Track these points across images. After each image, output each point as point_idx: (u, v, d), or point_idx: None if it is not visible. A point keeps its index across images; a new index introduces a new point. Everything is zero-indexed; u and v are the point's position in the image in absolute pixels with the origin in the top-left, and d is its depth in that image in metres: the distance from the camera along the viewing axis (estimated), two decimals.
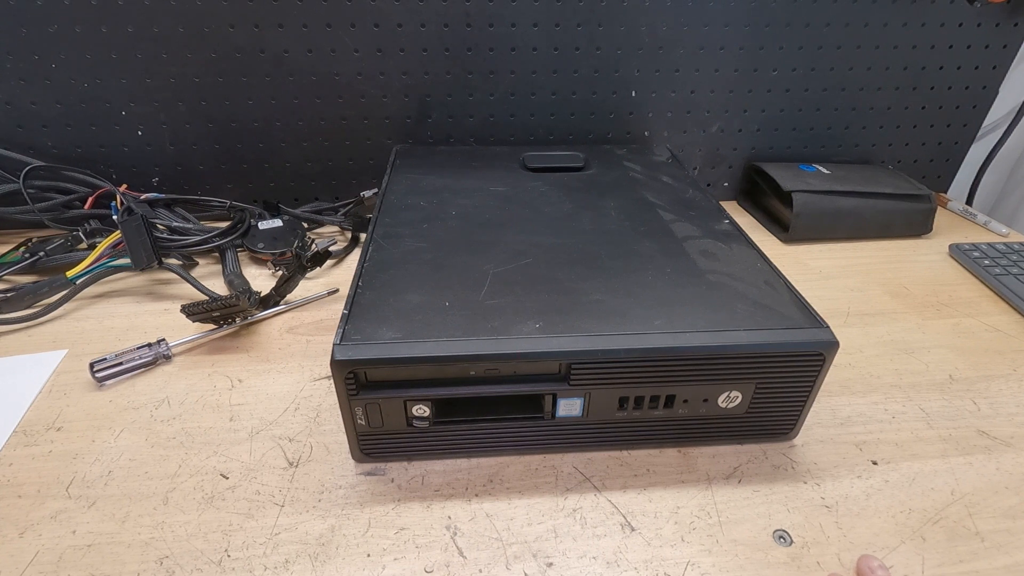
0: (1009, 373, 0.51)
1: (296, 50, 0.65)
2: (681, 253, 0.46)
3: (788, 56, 0.72)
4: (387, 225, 0.49)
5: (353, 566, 0.34)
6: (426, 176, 0.60)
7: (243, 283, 0.60)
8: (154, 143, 0.69)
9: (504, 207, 0.53)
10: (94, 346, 0.52)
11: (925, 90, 0.76)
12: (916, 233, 0.74)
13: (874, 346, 0.54)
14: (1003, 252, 0.67)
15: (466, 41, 0.67)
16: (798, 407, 0.41)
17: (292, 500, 0.38)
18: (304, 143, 0.71)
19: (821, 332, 0.38)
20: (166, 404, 0.46)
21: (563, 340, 0.37)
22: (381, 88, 0.69)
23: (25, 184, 0.60)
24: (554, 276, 0.43)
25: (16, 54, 0.62)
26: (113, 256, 0.58)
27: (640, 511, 0.38)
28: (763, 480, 0.40)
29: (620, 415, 0.40)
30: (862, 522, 0.38)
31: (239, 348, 0.52)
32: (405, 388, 0.37)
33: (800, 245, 0.72)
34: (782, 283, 0.43)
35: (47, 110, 0.65)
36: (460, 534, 0.36)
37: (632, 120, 0.75)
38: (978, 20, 0.71)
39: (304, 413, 0.45)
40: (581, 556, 0.35)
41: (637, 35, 0.69)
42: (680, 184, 0.60)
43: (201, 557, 0.35)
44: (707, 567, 0.35)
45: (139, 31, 0.62)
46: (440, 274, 0.43)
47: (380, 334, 0.36)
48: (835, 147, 0.80)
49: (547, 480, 0.40)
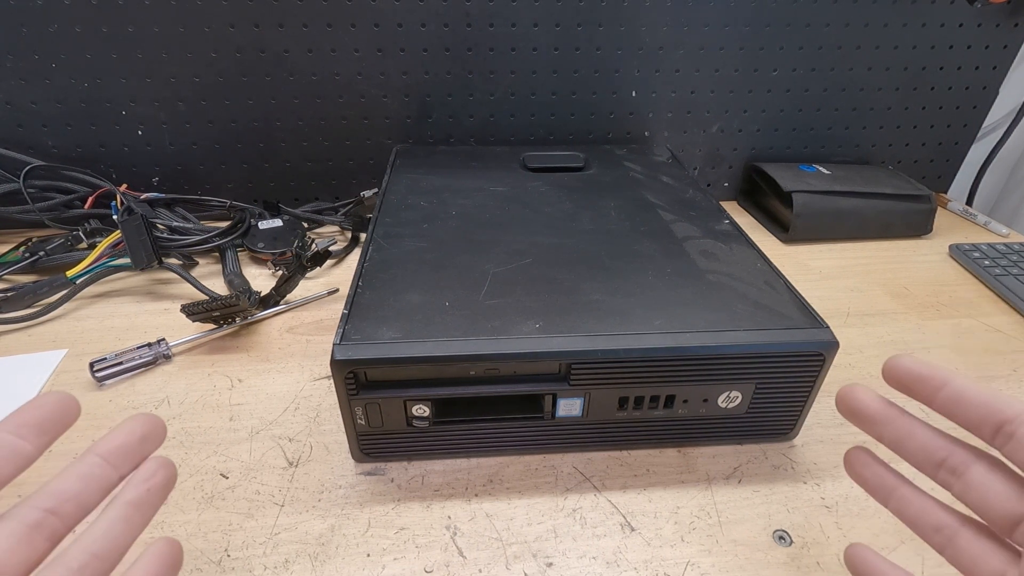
0: (1009, 373, 0.51)
1: (296, 50, 0.65)
2: (681, 253, 0.46)
3: (788, 56, 0.72)
4: (387, 225, 0.49)
5: (353, 566, 0.34)
6: (426, 176, 0.60)
7: (243, 283, 0.60)
8: (154, 143, 0.69)
9: (504, 207, 0.53)
10: (94, 346, 0.52)
11: (925, 90, 0.76)
12: (916, 233, 0.74)
13: (874, 346, 0.54)
14: (1003, 252, 0.67)
15: (466, 41, 0.67)
16: (798, 407, 0.41)
17: (292, 500, 0.38)
18: (304, 143, 0.71)
19: (821, 332, 0.38)
20: (166, 404, 0.46)
21: (563, 340, 0.37)
22: (381, 88, 0.69)
23: (25, 184, 0.60)
24: (554, 276, 0.43)
25: (16, 54, 0.62)
26: (113, 256, 0.58)
27: (640, 511, 0.38)
28: (763, 480, 0.40)
29: (620, 415, 0.40)
30: (862, 522, 0.38)
31: (239, 348, 0.52)
32: (405, 388, 0.37)
33: (800, 245, 0.72)
34: (782, 283, 0.43)
35: (47, 110, 0.65)
36: (460, 534, 0.36)
37: (632, 120, 0.75)
38: (978, 20, 0.71)
39: (304, 413, 0.45)
40: (581, 556, 0.35)
41: (637, 35, 0.69)
42: (680, 184, 0.60)
43: (201, 557, 0.35)
44: (707, 567, 0.35)
45: (139, 31, 0.62)
46: (440, 274, 0.43)
47: (380, 334, 0.36)
48: (835, 147, 0.80)
49: (547, 480, 0.40)
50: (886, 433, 0.26)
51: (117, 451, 0.24)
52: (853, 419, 0.27)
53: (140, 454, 0.25)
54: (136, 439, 0.25)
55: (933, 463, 0.24)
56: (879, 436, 0.26)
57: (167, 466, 0.25)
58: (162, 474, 0.25)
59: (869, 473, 0.27)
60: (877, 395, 0.27)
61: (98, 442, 0.24)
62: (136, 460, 0.25)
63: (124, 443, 0.25)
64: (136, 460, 0.25)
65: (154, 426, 0.26)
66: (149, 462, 0.25)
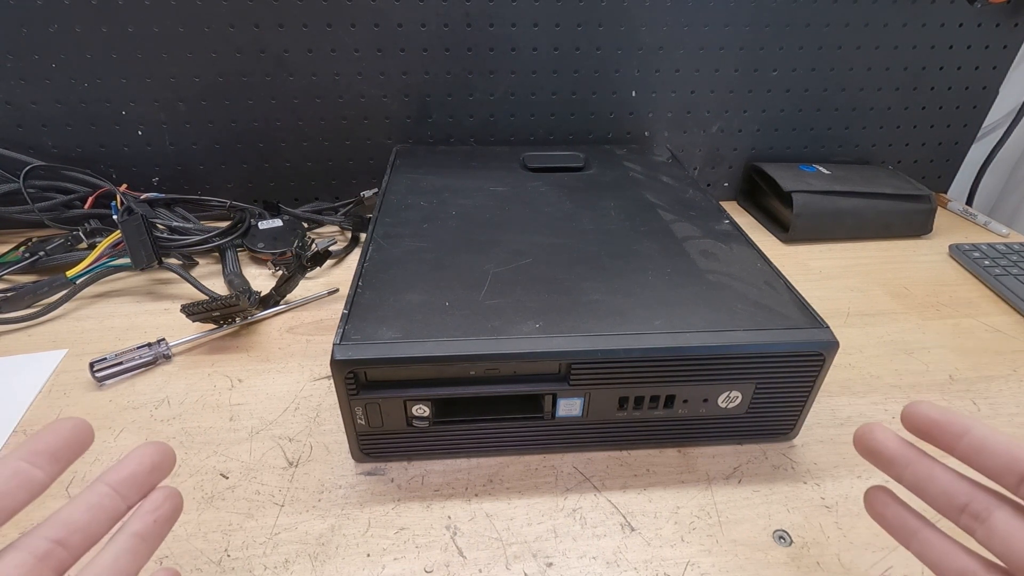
0: (1009, 374, 0.51)
1: (296, 50, 0.65)
2: (681, 253, 0.46)
3: (788, 56, 0.72)
4: (387, 225, 0.49)
5: (353, 566, 0.34)
6: (426, 176, 0.60)
7: (243, 283, 0.60)
8: (154, 143, 0.69)
9: (504, 207, 0.53)
10: (94, 346, 0.52)
11: (925, 90, 0.76)
12: (916, 233, 0.74)
13: (874, 346, 0.54)
14: (1003, 252, 0.67)
15: (466, 41, 0.67)
16: (798, 407, 0.41)
17: (292, 500, 0.38)
18: (304, 143, 0.71)
19: (821, 332, 0.38)
20: (166, 404, 0.46)
21: (563, 340, 0.37)
22: (381, 88, 0.69)
23: (25, 184, 0.60)
24: (554, 276, 0.43)
25: (16, 54, 0.62)
26: (113, 256, 0.58)
27: (640, 511, 0.38)
28: (763, 480, 0.40)
29: (620, 415, 0.40)
30: (862, 522, 0.38)
31: (239, 348, 0.52)
32: (405, 388, 0.37)
33: (800, 245, 0.72)
34: (782, 283, 0.43)
35: (47, 110, 0.65)
36: (460, 534, 0.36)
37: (632, 120, 0.75)
38: (978, 20, 0.71)
39: (304, 413, 0.45)
40: (581, 556, 0.35)
41: (637, 35, 0.69)
42: (680, 184, 0.60)
43: (201, 557, 0.35)
44: (707, 567, 0.35)
45: (139, 31, 0.62)
46: (440, 274, 0.43)
47: (380, 334, 0.36)
48: (835, 147, 0.80)
49: (547, 480, 0.40)
50: (906, 475, 0.26)
51: (126, 481, 0.25)
52: (871, 459, 0.27)
53: (149, 484, 0.25)
54: (146, 469, 0.25)
55: (955, 507, 0.24)
56: (899, 478, 0.26)
57: (173, 497, 0.26)
58: (168, 505, 0.26)
59: (890, 514, 0.27)
60: (895, 435, 0.26)
61: (109, 471, 0.25)
62: (145, 490, 0.25)
63: (134, 473, 0.25)
64: (145, 490, 0.25)
65: (164, 455, 0.26)
66: (156, 492, 0.26)
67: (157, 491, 0.26)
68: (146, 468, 0.25)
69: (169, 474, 0.26)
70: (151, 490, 0.26)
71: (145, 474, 0.25)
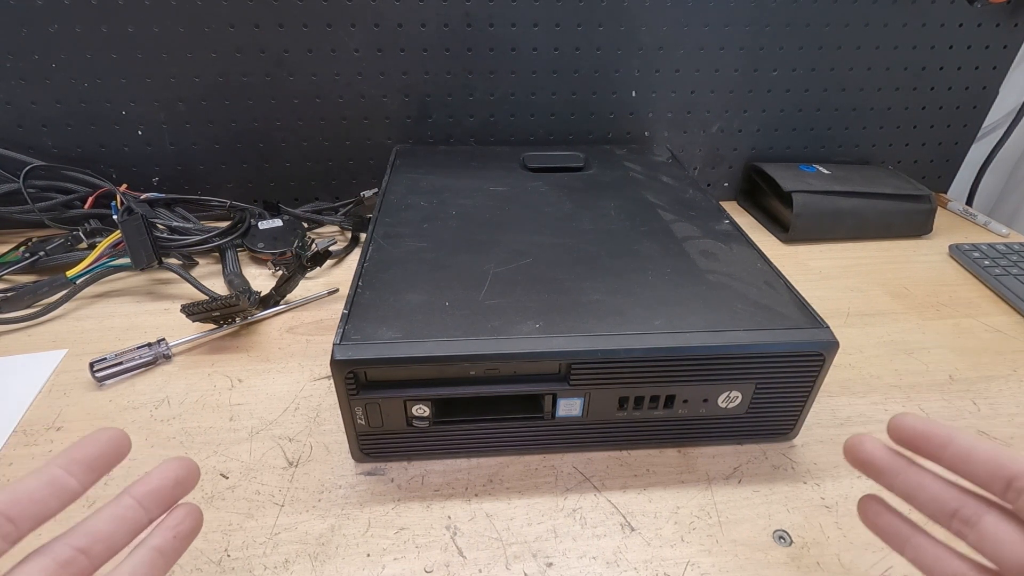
0: (1009, 374, 0.51)
1: (296, 50, 0.65)
2: (681, 253, 0.46)
3: (788, 56, 0.72)
4: (387, 225, 0.49)
5: (353, 566, 0.34)
6: (426, 176, 0.60)
7: (243, 283, 0.60)
8: (154, 143, 0.69)
9: (504, 207, 0.53)
10: (94, 346, 0.52)
11: (925, 90, 0.76)
12: (916, 233, 0.74)
13: (874, 346, 0.54)
14: (1003, 252, 0.67)
15: (466, 41, 0.67)
16: (798, 407, 0.41)
17: (292, 500, 0.38)
18: (304, 143, 0.71)
19: (821, 332, 0.38)
20: (166, 404, 0.46)
21: (563, 340, 0.37)
22: (381, 88, 0.69)
23: (25, 184, 0.60)
24: (554, 276, 0.43)
25: (16, 54, 0.62)
26: (113, 256, 0.58)
27: (640, 511, 0.38)
28: (763, 480, 0.40)
29: (620, 415, 0.40)
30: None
31: (239, 348, 0.52)
32: (405, 388, 0.37)
33: (800, 245, 0.72)
34: (782, 283, 0.43)
35: (47, 110, 0.65)
36: (460, 534, 0.36)
37: (632, 120, 0.75)
38: (978, 20, 0.71)
39: (304, 413, 0.45)
40: (581, 556, 0.35)
41: (637, 35, 0.69)
42: (680, 184, 0.60)
43: (201, 557, 0.35)
44: (707, 567, 0.35)
45: (139, 31, 0.62)
46: (440, 274, 0.43)
47: (380, 334, 0.36)
48: (835, 147, 0.80)
49: (547, 480, 0.40)
50: (896, 484, 0.26)
51: (151, 495, 0.25)
52: (862, 470, 0.28)
53: (172, 499, 0.26)
54: (171, 484, 0.26)
55: (946, 513, 0.25)
56: (889, 487, 0.27)
57: (194, 514, 0.27)
58: (189, 522, 0.26)
59: (883, 522, 0.28)
60: (884, 445, 0.27)
61: (135, 484, 0.25)
62: (168, 504, 0.26)
63: (159, 487, 0.25)
64: (168, 504, 0.26)
65: (189, 471, 0.27)
66: (179, 509, 0.26)
67: (179, 507, 0.26)
68: (170, 483, 0.26)
69: (192, 489, 0.27)
70: (173, 504, 0.26)
71: (169, 489, 0.26)
